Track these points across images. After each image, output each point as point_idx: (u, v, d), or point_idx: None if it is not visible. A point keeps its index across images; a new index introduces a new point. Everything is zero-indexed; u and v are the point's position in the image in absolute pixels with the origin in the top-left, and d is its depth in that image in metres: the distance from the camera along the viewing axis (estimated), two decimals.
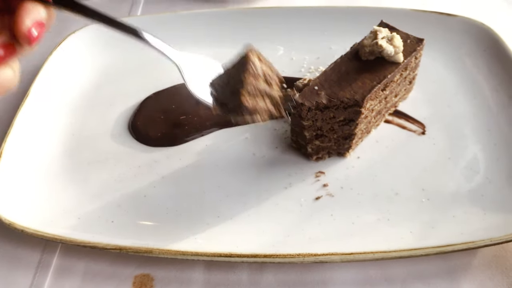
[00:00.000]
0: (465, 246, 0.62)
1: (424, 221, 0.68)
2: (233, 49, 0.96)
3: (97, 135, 0.82)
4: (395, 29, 0.79)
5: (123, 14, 1.10)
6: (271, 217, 0.70)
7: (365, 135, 0.79)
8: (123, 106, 0.87)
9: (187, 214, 0.71)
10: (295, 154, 0.78)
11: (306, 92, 0.71)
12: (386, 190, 0.73)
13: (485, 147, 0.77)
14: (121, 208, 0.72)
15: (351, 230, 0.68)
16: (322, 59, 0.94)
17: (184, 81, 0.68)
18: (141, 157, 0.79)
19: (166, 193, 0.74)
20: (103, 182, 0.75)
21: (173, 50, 0.68)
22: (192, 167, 0.77)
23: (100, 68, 0.94)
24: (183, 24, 0.99)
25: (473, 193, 0.71)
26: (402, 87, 0.81)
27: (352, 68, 0.74)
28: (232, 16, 1.01)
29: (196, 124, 0.83)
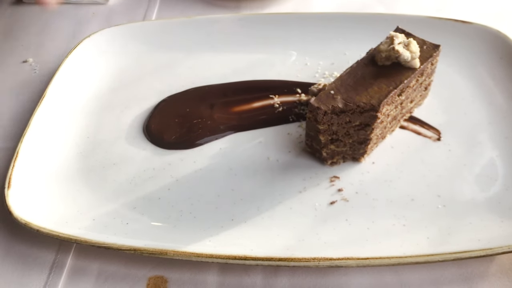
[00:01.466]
0: (482, 253, 0.61)
1: (440, 227, 0.67)
2: (247, 54, 0.97)
3: (112, 138, 0.83)
4: (411, 35, 0.79)
5: (138, 18, 1.11)
6: (285, 221, 0.70)
7: (380, 141, 0.79)
8: (138, 109, 0.88)
9: (201, 216, 0.71)
10: (309, 158, 0.78)
11: (322, 96, 0.71)
12: (402, 195, 0.72)
13: (502, 154, 0.77)
14: (136, 210, 0.72)
15: (366, 235, 0.67)
16: (337, 65, 0.94)
17: None
18: (155, 159, 0.79)
19: (180, 195, 0.74)
20: (117, 184, 0.76)
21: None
22: (206, 170, 0.77)
23: (115, 71, 0.95)
24: (197, 29, 1.00)
25: (490, 200, 0.71)
26: (418, 93, 0.80)
27: (368, 73, 0.74)
28: (246, 21, 1.01)
29: (210, 128, 0.83)
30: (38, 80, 0.95)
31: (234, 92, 0.89)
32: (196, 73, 0.94)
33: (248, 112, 0.86)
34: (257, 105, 0.87)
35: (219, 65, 0.96)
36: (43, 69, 0.98)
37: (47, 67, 0.98)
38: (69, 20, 1.12)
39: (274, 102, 0.87)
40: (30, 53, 1.02)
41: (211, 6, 1.15)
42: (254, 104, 0.87)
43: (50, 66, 0.98)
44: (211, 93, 0.89)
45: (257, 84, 0.91)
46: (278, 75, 0.93)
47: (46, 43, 1.05)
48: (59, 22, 1.11)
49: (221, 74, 0.94)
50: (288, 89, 0.90)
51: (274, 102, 0.87)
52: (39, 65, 0.99)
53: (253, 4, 1.14)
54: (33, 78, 0.96)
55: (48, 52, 1.02)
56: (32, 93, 0.92)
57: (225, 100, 0.88)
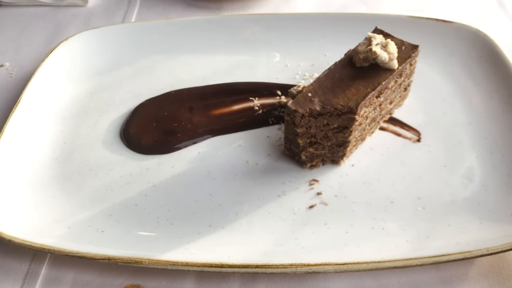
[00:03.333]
0: (461, 256, 0.61)
1: (419, 230, 0.67)
2: (227, 56, 0.96)
3: (89, 143, 0.81)
4: (390, 35, 0.78)
5: (117, 20, 1.10)
6: (264, 226, 0.69)
7: (359, 143, 0.79)
8: (116, 113, 0.86)
9: (179, 223, 0.70)
10: (288, 161, 0.77)
11: (300, 99, 0.70)
12: (381, 198, 0.72)
13: (481, 155, 0.76)
14: (112, 217, 0.71)
15: (345, 239, 0.66)
16: (317, 66, 0.93)
17: None
18: (133, 165, 0.78)
19: (157, 201, 0.72)
20: (94, 191, 0.74)
21: None
22: (184, 175, 0.76)
23: (93, 75, 0.93)
24: (178, 31, 0.99)
25: (469, 202, 0.70)
26: (397, 94, 0.80)
27: (346, 75, 0.73)
28: (227, 23, 1.00)
29: (189, 132, 0.82)
30: (14, 85, 0.94)
31: (213, 95, 0.88)
32: (176, 76, 0.93)
33: (227, 115, 0.85)
34: (237, 108, 0.86)
35: (199, 67, 0.95)
36: (20, 73, 0.96)
37: (23, 71, 0.96)
38: (47, 23, 1.10)
39: (254, 105, 0.86)
40: (6, 57, 1.01)
41: (192, 7, 1.14)
42: (233, 107, 0.86)
43: (26, 70, 0.96)
44: (190, 96, 0.88)
45: (236, 86, 0.90)
46: (258, 77, 0.92)
47: (23, 47, 1.03)
48: (37, 25, 1.09)
49: (201, 76, 0.93)
50: (268, 91, 0.89)
51: (254, 104, 0.86)
52: (16, 69, 0.98)
53: (235, 5, 1.13)
54: (9, 83, 0.94)
55: (25, 56, 1.00)
56: (8, 98, 0.91)
57: (204, 103, 0.87)
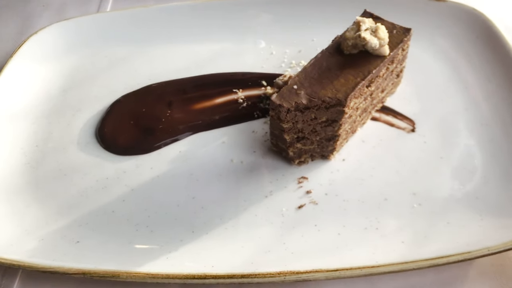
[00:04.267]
0: (460, 258, 0.57)
1: (416, 230, 0.63)
2: (208, 45, 0.91)
3: (63, 145, 0.76)
4: (380, 18, 0.73)
5: (92, 9, 1.03)
6: (250, 230, 0.64)
7: (350, 135, 0.74)
8: (91, 111, 0.81)
9: (159, 230, 0.65)
10: (275, 158, 0.73)
11: (285, 92, 0.65)
12: (374, 195, 0.67)
13: (479, 143, 0.72)
14: (88, 226, 0.66)
15: (336, 242, 0.62)
16: (304, 53, 0.88)
17: None
18: (109, 167, 0.73)
19: (136, 207, 0.68)
20: (68, 197, 0.70)
21: None
22: (165, 177, 0.71)
23: (66, 70, 0.87)
24: (156, 19, 0.93)
25: (468, 195, 0.66)
26: (389, 81, 0.75)
27: (334, 63, 0.68)
28: (208, 8, 0.94)
29: (169, 129, 0.77)
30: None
31: (194, 87, 0.83)
32: (155, 68, 0.87)
33: (209, 109, 0.80)
34: (220, 101, 0.81)
35: (179, 57, 0.89)
36: None
37: None
38: (16, 14, 1.03)
39: (238, 97, 0.81)
40: None
41: None
42: (216, 100, 0.81)
43: None
44: (170, 89, 0.83)
45: (219, 77, 0.85)
46: (242, 66, 0.87)
47: None
48: (6, 17, 1.03)
49: (181, 67, 0.87)
50: (252, 82, 0.84)
51: (238, 97, 0.81)
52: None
53: None
54: None
55: None
56: None
57: (184, 97, 0.81)
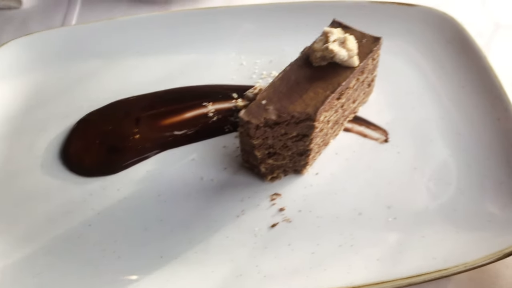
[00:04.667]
0: (438, 275, 0.55)
1: (391, 245, 0.61)
2: (177, 56, 0.88)
3: (25, 168, 0.73)
4: (349, 28, 0.71)
5: (57, 23, 1.00)
6: (221, 254, 0.62)
7: (323, 148, 0.72)
8: (56, 131, 0.78)
9: (126, 256, 0.62)
10: (247, 174, 0.70)
11: (253, 108, 0.63)
12: (348, 210, 0.65)
13: (455, 153, 0.71)
14: (51, 254, 0.63)
15: (310, 262, 0.60)
16: (275, 63, 0.86)
17: None
18: (74, 190, 0.70)
19: (102, 231, 0.65)
20: (31, 225, 0.66)
21: None
22: (132, 199, 0.68)
23: (28, 88, 0.84)
24: (122, 31, 0.90)
25: (444, 208, 0.65)
26: (361, 91, 0.73)
27: (303, 76, 0.66)
28: (176, 19, 0.91)
29: (137, 147, 0.74)
30: None
31: (162, 102, 0.80)
32: (122, 83, 0.84)
33: (178, 125, 0.77)
34: (189, 115, 0.78)
35: (147, 71, 0.86)
36: None
37: None
38: None
39: (208, 111, 0.79)
40: None
41: (139, 3, 1.04)
42: (185, 115, 0.78)
43: None
44: (137, 105, 0.80)
45: (188, 91, 0.82)
46: (211, 78, 0.84)
47: None
48: None
49: (150, 81, 0.84)
50: (223, 94, 0.81)
51: (208, 110, 0.79)
52: None
53: None
54: None
55: None
56: None
57: (152, 113, 0.79)
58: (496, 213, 0.63)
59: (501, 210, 0.63)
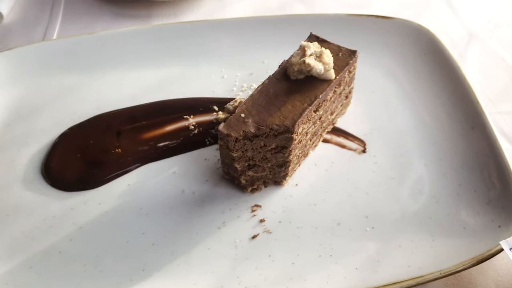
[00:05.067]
0: (413, 282, 0.57)
1: (368, 254, 0.62)
2: (158, 70, 0.89)
3: (6, 184, 0.73)
4: (326, 41, 0.73)
5: (38, 37, 1.00)
6: (203, 265, 0.63)
7: (302, 159, 0.73)
8: (37, 146, 0.78)
9: (108, 270, 0.63)
10: (228, 186, 0.71)
11: (232, 121, 0.64)
12: (327, 220, 0.67)
13: (430, 162, 0.73)
14: (32, 269, 0.63)
15: (291, 272, 0.61)
16: (255, 75, 0.87)
17: None
18: (55, 205, 0.70)
19: (84, 246, 0.65)
20: (12, 240, 0.66)
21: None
22: (113, 213, 0.69)
23: (10, 103, 0.84)
24: (103, 45, 0.91)
25: (420, 216, 0.66)
26: (338, 103, 0.75)
27: (281, 89, 0.67)
28: (157, 33, 0.92)
29: (117, 161, 0.75)
30: None
31: (143, 116, 0.81)
32: (103, 97, 0.85)
33: (159, 138, 0.78)
34: (170, 128, 0.79)
35: (128, 85, 0.87)
36: None
37: None
38: None
39: (189, 124, 0.80)
40: None
41: (120, 17, 1.05)
42: (166, 128, 0.79)
43: None
44: (118, 119, 0.81)
45: (169, 104, 0.83)
46: (192, 91, 0.85)
47: None
48: None
49: (131, 95, 0.85)
50: (203, 107, 0.82)
51: (189, 123, 0.80)
52: None
53: (165, 12, 1.05)
54: None
55: None
56: None
57: (133, 126, 0.79)
58: (470, 221, 0.65)
59: (475, 217, 0.65)
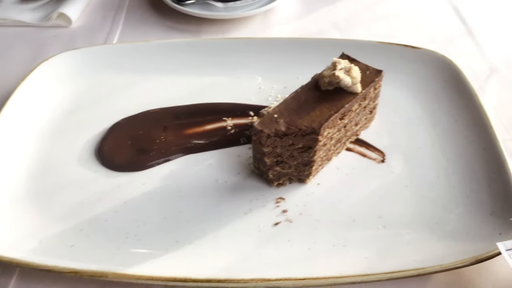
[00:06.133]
0: (415, 272, 0.63)
1: (378, 248, 0.69)
2: (203, 78, 1.00)
3: (64, 161, 0.83)
4: (356, 60, 0.82)
5: (100, 41, 1.13)
6: (229, 242, 0.71)
7: (325, 162, 0.81)
8: (92, 132, 0.89)
9: (146, 239, 0.71)
10: (257, 180, 0.80)
11: (266, 120, 0.73)
12: (344, 216, 0.74)
13: (442, 176, 0.79)
14: (82, 232, 0.72)
15: (307, 255, 0.69)
16: (289, 88, 0.95)
17: None
18: (105, 182, 0.80)
19: (127, 218, 0.74)
20: (66, 207, 0.76)
21: None
22: (155, 193, 0.78)
23: (72, 94, 0.96)
24: (156, 53, 1.02)
25: (428, 221, 0.73)
26: (363, 116, 0.83)
27: (312, 97, 0.76)
28: (205, 46, 1.03)
29: (162, 150, 0.84)
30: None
31: (187, 115, 0.91)
32: (152, 96, 0.96)
33: (200, 134, 0.88)
34: (210, 127, 0.89)
35: (175, 88, 0.97)
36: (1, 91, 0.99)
37: (3, 90, 0.98)
38: (30, 43, 1.13)
39: (227, 125, 0.89)
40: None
41: (173, 30, 1.17)
42: (206, 127, 0.89)
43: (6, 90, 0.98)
44: (165, 115, 0.91)
45: (211, 107, 0.93)
46: (232, 98, 0.95)
47: (5, 66, 1.06)
48: (20, 45, 1.12)
49: (177, 97, 0.95)
50: (241, 112, 0.92)
51: (227, 124, 0.89)
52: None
53: (213, 29, 1.17)
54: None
55: (6, 75, 1.02)
56: None
57: (178, 123, 0.89)
58: (474, 228, 0.71)
59: (479, 225, 0.71)
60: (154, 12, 1.23)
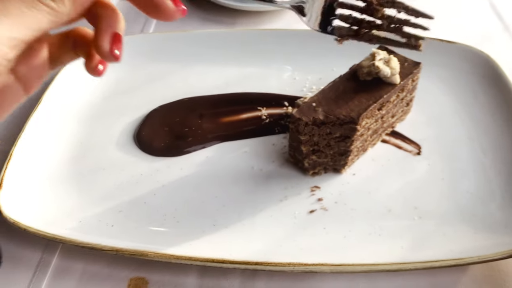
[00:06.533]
0: (453, 263, 0.63)
1: (414, 238, 0.69)
2: (239, 68, 1.01)
3: (103, 144, 0.86)
4: (394, 52, 0.82)
5: (136, 31, 1.15)
6: (265, 228, 0.72)
7: (361, 153, 0.82)
8: (130, 117, 0.91)
9: (184, 221, 0.73)
10: (292, 168, 0.80)
11: (304, 108, 0.74)
12: (379, 206, 0.74)
13: (479, 169, 0.79)
14: (122, 213, 0.74)
15: (342, 243, 0.69)
16: (324, 80, 0.96)
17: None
18: (143, 166, 0.82)
19: (165, 200, 0.76)
20: (106, 188, 0.78)
21: None
22: (192, 177, 0.79)
23: (110, 81, 0.98)
24: (193, 43, 1.04)
25: (465, 213, 0.72)
26: (399, 108, 0.83)
27: (350, 87, 0.77)
28: (240, 36, 1.04)
29: (199, 137, 0.86)
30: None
31: (223, 103, 0.92)
32: (189, 85, 0.97)
33: (236, 122, 0.89)
34: (245, 116, 0.90)
35: (211, 77, 0.99)
36: None
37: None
38: None
39: (262, 114, 0.90)
40: None
41: (208, 21, 1.19)
42: (242, 116, 0.90)
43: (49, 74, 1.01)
44: (202, 103, 0.92)
45: (246, 96, 0.94)
46: (267, 88, 0.96)
47: None
48: None
49: (213, 86, 0.97)
50: (276, 102, 0.93)
51: (262, 114, 0.90)
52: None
53: (249, 21, 1.18)
54: None
55: None
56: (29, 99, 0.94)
57: (214, 111, 0.91)
58: None
59: None
60: (189, 4, 1.24)
